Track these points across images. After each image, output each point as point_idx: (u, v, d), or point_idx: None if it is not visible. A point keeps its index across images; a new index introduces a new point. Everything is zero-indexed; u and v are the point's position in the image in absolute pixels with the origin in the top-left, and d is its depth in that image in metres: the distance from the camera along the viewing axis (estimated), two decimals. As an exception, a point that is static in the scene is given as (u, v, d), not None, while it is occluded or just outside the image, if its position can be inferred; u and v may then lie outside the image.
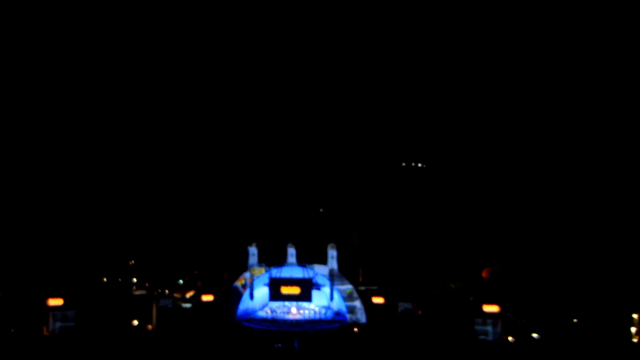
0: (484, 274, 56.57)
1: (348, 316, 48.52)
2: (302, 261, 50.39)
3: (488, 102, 52.00)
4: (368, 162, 62.90)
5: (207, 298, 49.32)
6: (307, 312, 48.89)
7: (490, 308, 41.60)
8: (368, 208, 61.13)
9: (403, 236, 61.27)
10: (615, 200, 49.20)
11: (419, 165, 62.82)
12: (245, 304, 49.56)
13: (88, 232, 56.35)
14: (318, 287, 49.50)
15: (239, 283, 50.19)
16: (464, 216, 60.62)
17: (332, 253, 50.01)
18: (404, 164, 62.83)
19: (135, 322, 46.59)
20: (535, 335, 41.86)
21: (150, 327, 46.45)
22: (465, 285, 56.33)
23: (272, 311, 48.93)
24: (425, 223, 62.29)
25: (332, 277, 49.53)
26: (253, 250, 50.83)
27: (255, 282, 49.92)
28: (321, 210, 62.81)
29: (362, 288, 52.35)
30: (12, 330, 39.48)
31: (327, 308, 49.61)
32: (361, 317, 48.72)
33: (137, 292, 56.14)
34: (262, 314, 48.74)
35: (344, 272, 50.23)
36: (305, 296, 48.94)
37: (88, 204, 56.62)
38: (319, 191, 60.16)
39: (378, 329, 45.44)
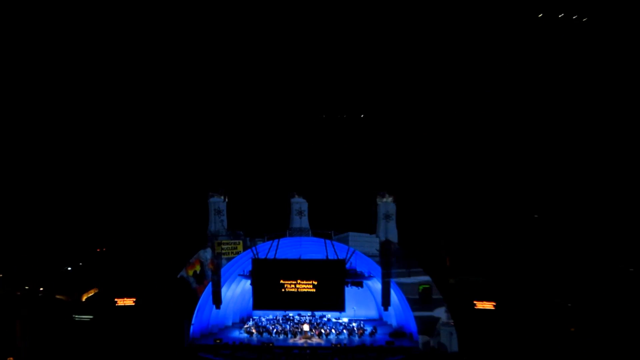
0: None
1: (421, 339, 30.94)
2: (321, 226, 31.95)
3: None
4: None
5: (124, 302, 34.18)
6: (334, 331, 32.16)
7: None
8: (456, 113, 38.64)
9: (530, 176, 35.07)
10: None
11: None
12: (204, 315, 32.81)
13: None
14: (358, 279, 31.87)
15: (188, 272, 31.82)
16: None
17: (386, 208, 30.90)
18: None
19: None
20: None
21: (11, 359, 32.15)
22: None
23: (262, 328, 32.31)
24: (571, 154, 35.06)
25: (386, 258, 31.27)
26: (218, 203, 31.29)
27: (225, 270, 32.27)
28: (362, 116, 41.41)
29: (452, 281, 35.09)
30: None
31: (378, 323, 34.23)
32: (448, 340, 30.43)
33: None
34: (240, 334, 32.32)
35: (412, 249, 31.81)
36: (329, 299, 31.21)
37: None
38: (354, 77, 37.01)
39: (483, 363, 30.78)
